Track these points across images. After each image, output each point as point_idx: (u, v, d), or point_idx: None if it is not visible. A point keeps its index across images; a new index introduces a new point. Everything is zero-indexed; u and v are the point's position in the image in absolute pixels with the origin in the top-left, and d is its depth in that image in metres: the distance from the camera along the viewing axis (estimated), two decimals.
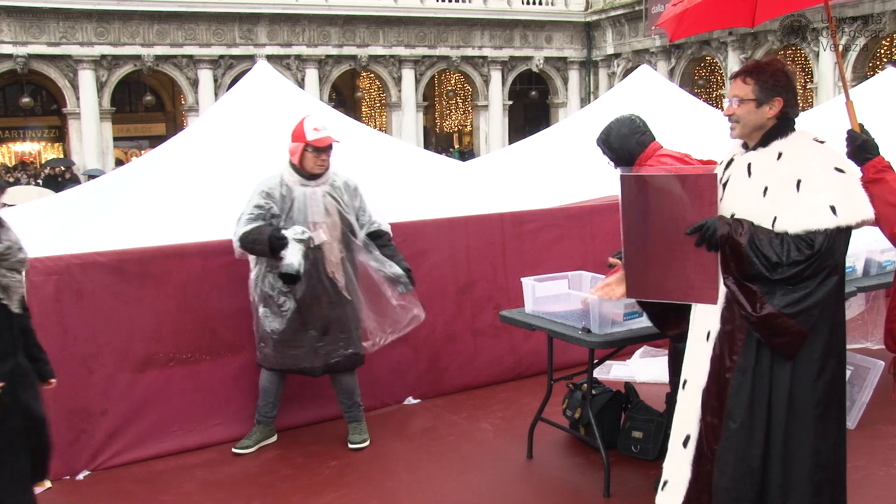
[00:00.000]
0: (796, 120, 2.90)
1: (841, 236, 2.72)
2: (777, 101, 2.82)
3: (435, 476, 4.27)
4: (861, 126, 3.16)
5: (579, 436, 4.49)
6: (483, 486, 4.16)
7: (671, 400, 4.41)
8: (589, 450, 4.39)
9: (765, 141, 2.86)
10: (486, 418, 5.07)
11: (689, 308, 3.03)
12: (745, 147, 2.93)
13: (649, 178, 2.92)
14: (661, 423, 4.33)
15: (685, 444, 2.91)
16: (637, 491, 4.05)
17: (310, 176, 4.39)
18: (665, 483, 2.98)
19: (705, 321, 2.90)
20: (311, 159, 4.36)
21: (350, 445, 4.64)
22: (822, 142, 2.85)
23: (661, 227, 2.86)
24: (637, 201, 2.91)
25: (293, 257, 4.18)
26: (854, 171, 2.84)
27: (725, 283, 2.80)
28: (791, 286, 2.70)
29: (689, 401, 2.92)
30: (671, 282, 2.90)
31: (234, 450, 4.60)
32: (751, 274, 2.72)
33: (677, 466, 2.94)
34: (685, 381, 2.96)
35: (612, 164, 3.93)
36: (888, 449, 4.36)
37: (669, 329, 3.42)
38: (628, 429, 4.42)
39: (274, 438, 4.72)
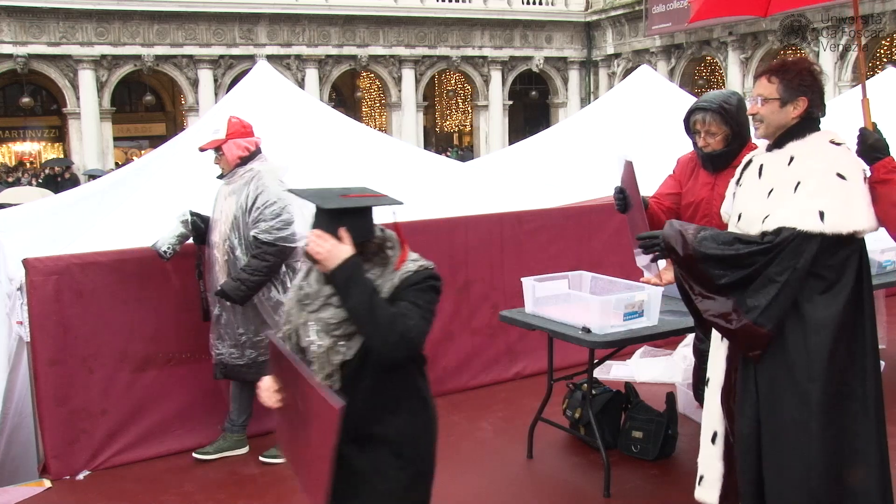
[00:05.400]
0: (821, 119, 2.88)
1: (817, 243, 2.65)
2: (801, 100, 2.80)
3: (435, 476, 4.25)
4: (874, 125, 3.11)
5: (579, 436, 4.49)
6: (483, 486, 4.16)
7: (671, 399, 4.43)
8: (589, 450, 4.39)
9: (780, 142, 2.85)
10: (486, 418, 5.06)
11: None
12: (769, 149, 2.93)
13: (287, 356, 2.35)
14: (661, 422, 4.33)
15: (713, 440, 2.98)
16: (637, 491, 4.05)
17: (220, 174, 4.44)
18: (701, 478, 3.04)
19: None
20: (215, 158, 4.44)
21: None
22: (839, 143, 2.82)
23: (293, 407, 2.35)
24: (279, 363, 2.42)
25: (162, 234, 4.31)
26: (858, 179, 2.76)
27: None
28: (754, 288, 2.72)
29: (713, 399, 2.99)
30: (297, 451, 2.44)
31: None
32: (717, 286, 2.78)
33: (709, 462, 3.01)
34: (709, 380, 3.03)
35: (702, 135, 3.68)
36: (888, 449, 4.34)
37: None
38: (628, 429, 4.42)
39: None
